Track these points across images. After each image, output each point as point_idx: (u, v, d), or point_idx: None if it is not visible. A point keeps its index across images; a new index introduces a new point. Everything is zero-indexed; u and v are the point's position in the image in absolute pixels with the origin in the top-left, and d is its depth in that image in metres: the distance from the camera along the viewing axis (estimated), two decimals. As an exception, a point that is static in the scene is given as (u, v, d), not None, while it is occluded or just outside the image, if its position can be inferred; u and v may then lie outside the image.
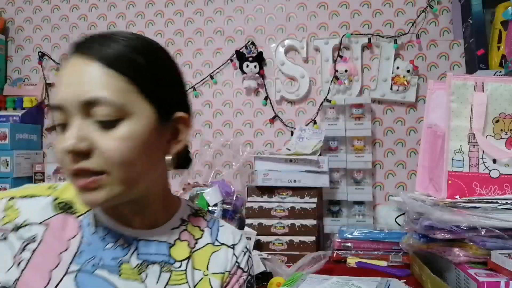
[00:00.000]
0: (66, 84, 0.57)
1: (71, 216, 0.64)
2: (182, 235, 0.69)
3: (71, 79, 0.57)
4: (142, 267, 0.64)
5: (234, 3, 1.76)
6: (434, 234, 0.99)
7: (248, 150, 1.63)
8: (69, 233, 0.62)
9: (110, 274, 0.61)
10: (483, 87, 1.05)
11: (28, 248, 0.60)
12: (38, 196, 0.64)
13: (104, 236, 0.63)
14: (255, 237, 1.37)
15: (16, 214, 0.61)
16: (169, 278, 0.65)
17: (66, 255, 0.61)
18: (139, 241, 0.65)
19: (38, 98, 1.86)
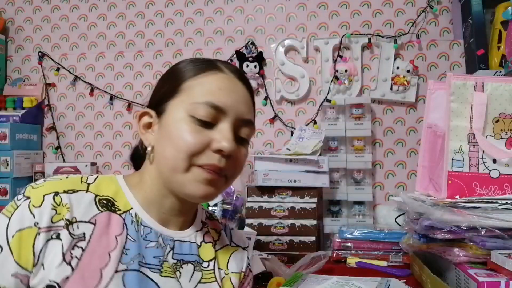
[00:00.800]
0: (229, 93, 0.67)
1: (115, 214, 0.65)
2: (205, 237, 0.75)
3: (234, 94, 0.68)
4: (177, 266, 0.69)
5: (234, 3, 1.76)
6: (434, 234, 0.99)
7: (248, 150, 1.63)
8: (116, 230, 0.64)
9: (152, 272, 0.65)
10: (483, 87, 1.05)
11: (78, 245, 0.60)
12: (78, 191, 0.64)
13: (146, 235, 0.66)
14: (255, 237, 1.37)
15: (66, 210, 0.61)
16: (201, 277, 0.71)
17: (115, 253, 0.62)
18: (175, 242, 0.70)
19: (38, 98, 1.86)
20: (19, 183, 1.71)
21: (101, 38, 1.86)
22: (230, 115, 0.67)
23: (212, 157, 0.65)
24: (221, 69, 0.69)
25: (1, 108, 1.85)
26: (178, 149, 0.64)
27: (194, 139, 0.64)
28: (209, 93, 0.66)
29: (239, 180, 1.64)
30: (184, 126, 0.64)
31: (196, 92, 0.66)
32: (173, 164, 0.64)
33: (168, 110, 0.67)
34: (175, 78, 0.69)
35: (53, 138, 1.86)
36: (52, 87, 1.88)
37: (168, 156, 0.65)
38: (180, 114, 0.65)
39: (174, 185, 0.66)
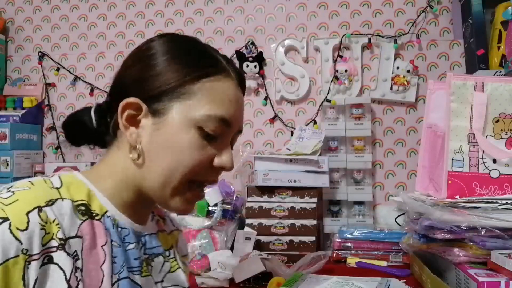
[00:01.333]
0: (236, 106, 0.63)
1: (94, 220, 0.58)
2: (159, 225, 0.73)
3: (239, 106, 0.64)
4: (148, 261, 0.66)
5: (234, 3, 1.76)
6: (434, 234, 0.99)
7: (248, 150, 1.63)
8: (100, 240, 0.57)
9: (135, 275, 0.61)
10: (483, 87, 1.05)
11: (77, 266, 0.53)
12: (55, 200, 0.54)
13: (125, 237, 0.62)
14: (255, 237, 1.37)
15: (56, 228, 0.52)
16: (170, 267, 0.70)
17: (106, 266, 0.56)
18: (145, 236, 0.67)
19: (38, 98, 1.86)
20: (19, 183, 1.71)
21: (101, 38, 1.86)
22: (234, 129, 0.64)
23: (212, 173, 0.62)
24: (229, 73, 0.62)
25: (1, 108, 1.85)
26: (182, 164, 0.59)
27: (201, 156, 0.60)
28: (222, 106, 0.60)
29: (239, 180, 1.64)
30: (190, 140, 0.59)
31: (208, 101, 0.59)
32: (169, 177, 0.59)
33: (170, 112, 0.59)
34: (177, 70, 0.60)
35: (53, 138, 1.86)
36: (52, 87, 1.88)
37: (165, 167, 0.59)
38: (186, 123, 0.59)
39: (157, 195, 0.61)
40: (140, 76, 0.61)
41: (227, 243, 1.43)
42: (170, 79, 0.59)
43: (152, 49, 0.63)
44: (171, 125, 0.59)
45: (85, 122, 0.66)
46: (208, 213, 1.44)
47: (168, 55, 0.61)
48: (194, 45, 0.64)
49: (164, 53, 0.61)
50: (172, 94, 0.59)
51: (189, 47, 0.63)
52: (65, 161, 1.82)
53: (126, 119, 0.60)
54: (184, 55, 0.61)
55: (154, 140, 0.60)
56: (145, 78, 0.60)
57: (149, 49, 0.63)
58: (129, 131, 0.61)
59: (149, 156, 0.60)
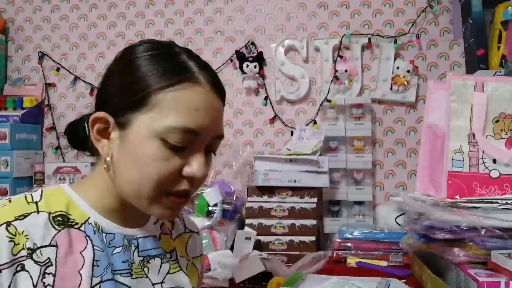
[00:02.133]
0: (206, 113, 0.60)
1: (72, 229, 0.60)
2: (162, 228, 0.74)
3: (211, 113, 0.61)
4: (144, 263, 0.67)
5: (234, 3, 1.76)
6: (434, 234, 0.99)
7: (248, 150, 1.63)
8: (79, 246, 0.60)
9: (123, 277, 0.63)
10: (483, 87, 1.05)
11: (48, 272, 0.56)
12: (29, 214, 0.58)
13: (110, 242, 0.63)
14: (255, 237, 1.37)
15: (24, 239, 0.55)
16: (169, 268, 0.70)
17: (85, 270, 0.58)
18: (138, 239, 0.68)
19: (38, 98, 1.86)
20: (19, 183, 1.71)
21: (101, 38, 1.86)
22: (205, 137, 0.61)
23: (183, 182, 0.61)
24: (198, 80, 0.60)
25: (1, 108, 1.85)
26: (147, 177, 0.58)
27: (166, 168, 0.59)
28: (186, 115, 0.58)
29: (239, 180, 1.64)
30: (154, 152, 0.58)
31: (170, 111, 0.58)
32: (139, 190, 0.60)
33: (134, 125, 0.59)
34: (140, 81, 0.59)
35: (53, 138, 1.86)
36: (52, 87, 1.88)
37: (133, 180, 0.60)
38: (149, 134, 0.58)
39: (137, 205, 0.63)
40: (112, 87, 0.63)
41: (227, 243, 1.43)
42: (134, 91, 0.59)
43: (123, 59, 0.64)
44: (135, 138, 0.59)
45: (79, 131, 0.70)
46: (208, 213, 1.44)
47: (135, 66, 0.61)
48: (164, 52, 0.62)
49: (132, 64, 0.61)
50: (135, 106, 0.59)
51: (157, 56, 0.62)
52: (65, 161, 1.82)
53: (97, 132, 0.62)
54: (148, 65, 0.60)
55: (121, 152, 0.61)
56: (115, 90, 0.62)
57: (120, 59, 0.64)
58: (100, 144, 0.63)
59: (118, 168, 0.61)
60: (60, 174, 1.71)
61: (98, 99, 0.65)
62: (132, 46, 0.65)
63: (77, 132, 0.70)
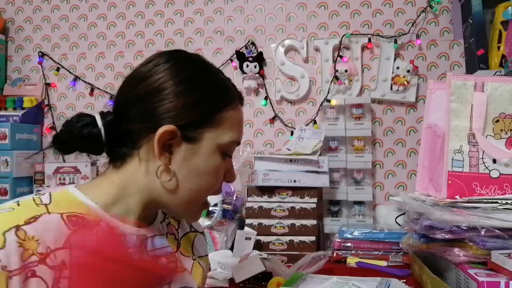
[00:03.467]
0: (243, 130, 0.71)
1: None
2: (169, 228, 0.75)
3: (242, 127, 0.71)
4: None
5: (234, 3, 1.76)
6: (434, 234, 0.99)
7: (248, 150, 1.63)
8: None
9: None
10: (483, 87, 1.05)
11: (63, 275, 0.55)
12: (39, 216, 0.57)
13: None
14: (255, 237, 1.37)
15: (35, 244, 0.54)
16: (175, 267, 0.71)
17: None
18: (147, 239, 0.68)
19: (38, 98, 1.86)
20: (19, 183, 1.71)
21: (101, 38, 1.86)
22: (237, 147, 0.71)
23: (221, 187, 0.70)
24: (237, 99, 0.70)
25: (1, 108, 1.85)
26: (209, 185, 0.67)
27: (221, 176, 0.68)
28: (238, 131, 0.69)
29: (239, 180, 1.64)
30: (219, 164, 0.66)
31: (230, 128, 0.67)
32: (195, 198, 0.66)
33: (203, 141, 0.64)
34: (206, 99, 0.64)
35: (53, 138, 1.86)
36: (52, 87, 1.88)
37: (194, 188, 0.65)
38: (215, 149, 0.65)
39: (181, 212, 0.69)
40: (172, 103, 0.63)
41: (227, 243, 1.43)
42: (202, 109, 0.64)
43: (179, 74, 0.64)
44: (203, 152, 0.65)
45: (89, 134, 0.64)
46: (208, 213, 1.44)
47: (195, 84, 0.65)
48: (214, 72, 0.69)
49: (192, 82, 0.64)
50: (205, 122, 0.64)
51: (211, 75, 0.68)
52: (65, 161, 1.81)
53: (162, 144, 0.63)
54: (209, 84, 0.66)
55: (186, 164, 0.64)
56: (177, 106, 0.63)
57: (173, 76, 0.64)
58: (163, 155, 0.63)
59: (179, 178, 0.64)
60: (60, 174, 1.71)
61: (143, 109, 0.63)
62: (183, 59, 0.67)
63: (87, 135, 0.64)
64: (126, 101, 0.65)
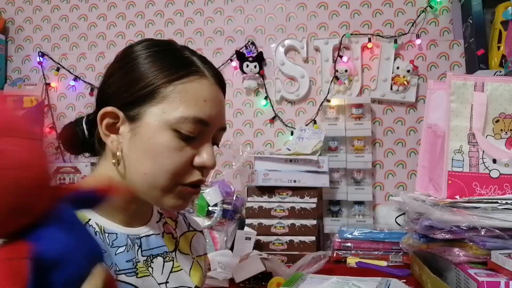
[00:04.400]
0: (213, 105, 0.63)
1: None
2: (165, 227, 0.74)
3: (217, 105, 0.64)
4: (147, 262, 0.67)
5: (234, 3, 1.76)
6: (434, 234, 0.99)
7: (248, 150, 1.63)
8: None
9: (128, 276, 0.62)
10: (483, 87, 1.05)
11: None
12: None
13: (112, 242, 0.63)
14: (255, 237, 1.37)
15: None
16: (172, 266, 0.70)
17: None
18: (141, 238, 0.67)
19: (38, 98, 1.86)
20: (19, 183, 1.70)
21: (101, 38, 1.86)
22: (213, 127, 0.64)
23: (196, 173, 0.63)
24: (204, 74, 0.64)
25: (1, 108, 1.85)
26: (162, 168, 0.60)
27: (180, 158, 0.61)
28: (196, 106, 0.61)
29: (239, 180, 1.64)
30: (169, 142, 0.60)
31: (181, 103, 0.60)
32: (153, 182, 0.61)
33: (146, 118, 0.61)
34: (148, 75, 0.62)
35: (53, 138, 1.86)
36: (52, 87, 1.88)
37: (147, 171, 0.61)
38: (162, 126, 0.60)
39: (149, 197, 0.64)
40: (117, 84, 0.63)
41: (227, 243, 1.43)
42: (143, 85, 0.61)
43: (127, 56, 0.65)
44: (147, 130, 0.61)
45: (77, 133, 0.68)
46: (208, 213, 1.44)
47: (141, 62, 0.63)
48: (168, 49, 0.65)
49: (137, 60, 0.63)
50: (145, 99, 0.61)
51: (163, 52, 0.65)
52: (65, 161, 1.81)
53: (106, 127, 0.63)
54: (156, 61, 0.63)
55: (132, 145, 0.62)
56: (121, 86, 0.63)
57: (125, 57, 0.65)
58: (109, 139, 0.63)
59: (130, 161, 0.62)
60: (60, 174, 1.71)
61: (101, 97, 0.66)
62: (133, 45, 0.66)
63: (75, 134, 0.68)
64: (97, 93, 0.68)
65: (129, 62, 0.64)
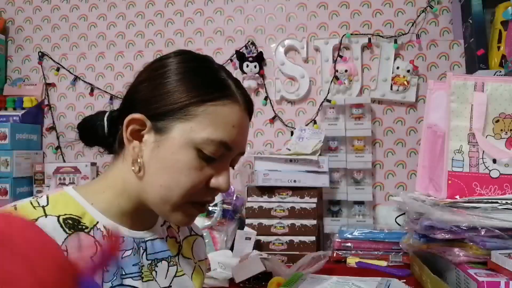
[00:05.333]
0: (240, 131, 0.64)
1: (82, 233, 0.60)
2: (169, 231, 0.74)
3: (243, 132, 0.66)
4: (152, 266, 0.67)
5: (234, 3, 1.76)
6: (434, 234, 0.99)
7: (248, 150, 1.63)
8: (88, 252, 0.59)
9: (134, 280, 0.63)
10: (483, 87, 1.05)
11: None
12: (36, 219, 0.57)
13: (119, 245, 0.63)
14: (255, 237, 1.37)
15: None
16: (176, 270, 0.70)
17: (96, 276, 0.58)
18: (146, 242, 0.67)
19: (38, 98, 1.86)
20: (19, 183, 1.71)
21: (101, 38, 1.86)
22: (234, 152, 0.65)
23: (208, 193, 0.64)
24: (237, 99, 0.64)
25: (1, 108, 1.85)
26: (180, 185, 0.60)
27: (198, 177, 0.61)
28: (224, 130, 0.61)
29: (239, 180, 1.64)
30: (190, 161, 0.60)
31: (210, 124, 0.60)
32: (167, 196, 0.61)
33: (172, 132, 0.61)
34: (182, 91, 0.61)
35: (53, 138, 1.86)
36: (52, 87, 1.88)
37: (163, 184, 0.61)
38: (187, 144, 0.60)
39: (157, 209, 0.64)
40: (149, 93, 0.63)
41: (227, 243, 1.43)
42: (176, 99, 0.61)
43: (164, 67, 0.64)
44: (171, 144, 0.61)
45: (97, 128, 0.68)
46: (208, 213, 1.44)
47: (177, 76, 0.63)
48: (205, 67, 0.65)
49: (173, 73, 0.63)
50: (176, 114, 0.61)
51: (200, 69, 0.65)
52: (65, 161, 1.82)
53: (131, 133, 0.63)
54: (193, 77, 0.63)
55: (154, 156, 0.62)
56: (153, 96, 0.62)
57: (161, 67, 0.65)
58: (132, 144, 0.63)
59: (149, 171, 0.62)
60: (60, 174, 1.71)
61: (129, 99, 0.66)
62: (170, 55, 0.66)
63: (95, 128, 0.68)
64: (125, 96, 0.68)
65: (164, 73, 0.63)
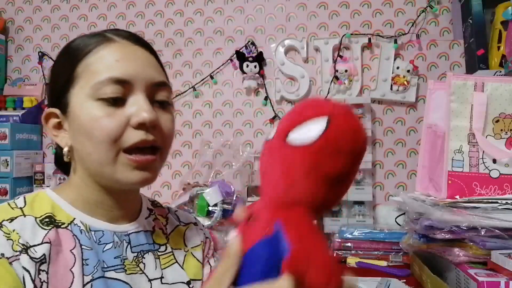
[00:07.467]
0: (129, 62, 0.61)
1: (60, 228, 0.61)
2: (156, 223, 0.74)
3: (135, 61, 0.62)
4: (138, 259, 0.67)
5: (234, 3, 1.76)
6: (434, 234, 0.99)
7: (248, 150, 1.63)
8: (68, 245, 0.60)
9: (117, 273, 0.63)
10: (483, 87, 1.05)
11: (42, 269, 0.56)
12: (16, 217, 0.59)
13: (99, 239, 0.63)
14: (255, 237, 1.37)
15: (17, 236, 0.56)
16: (164, 262, 0.70)
17: (76, 268, 0.59)
18: (130, 235, 0.67)
19: (38, 98, 1.86)
20: (19, 183, 1.71)
21: (101, 38, 1.86)
22: (139, 84, 0.61)
23: (136, 134, 0.59)
24: (112, 39, 0.63)
25: (1, 108, 1.85)
26: (98, 140, 0.58)
27: (110, 123, 0.58)
28: (108, 68, 0.60)
29: (239, 180, 1.64)
30: (95, 113, 0.59)
31: (93, 72, 0.60)
32: (98, 158, 0.60)
33: (71, 102, 0.61)
34: (66, 64, 0.63)
35: (53, 138, 1.86)
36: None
37: (89, 151, 0.60)
38: (85, 100, 0.60)
39: (106, 178, 0.62)
40: (48, 89, 0.68)
41: (227, 243, 1.43)
42: (60, 76, 0.64)
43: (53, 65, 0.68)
44: (76, 111, 0.61)
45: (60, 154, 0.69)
46: (208, 213, 1.44)
47: (57, 62, 0.66)
48: (77, 38, 0.67)
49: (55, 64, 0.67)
50: (65, 88, 0.62)
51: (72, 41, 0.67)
52: (65, 161, 1.81)
53: (53, 128, 0.65)
54: (67, 51, 0.65)
55: (72, 133, 0.63)
56: (50, 89, 0.67)
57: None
58: (58, 138, 0.65)
59: (76, 148, 0.63)
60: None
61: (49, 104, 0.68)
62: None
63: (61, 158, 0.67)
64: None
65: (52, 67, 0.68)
